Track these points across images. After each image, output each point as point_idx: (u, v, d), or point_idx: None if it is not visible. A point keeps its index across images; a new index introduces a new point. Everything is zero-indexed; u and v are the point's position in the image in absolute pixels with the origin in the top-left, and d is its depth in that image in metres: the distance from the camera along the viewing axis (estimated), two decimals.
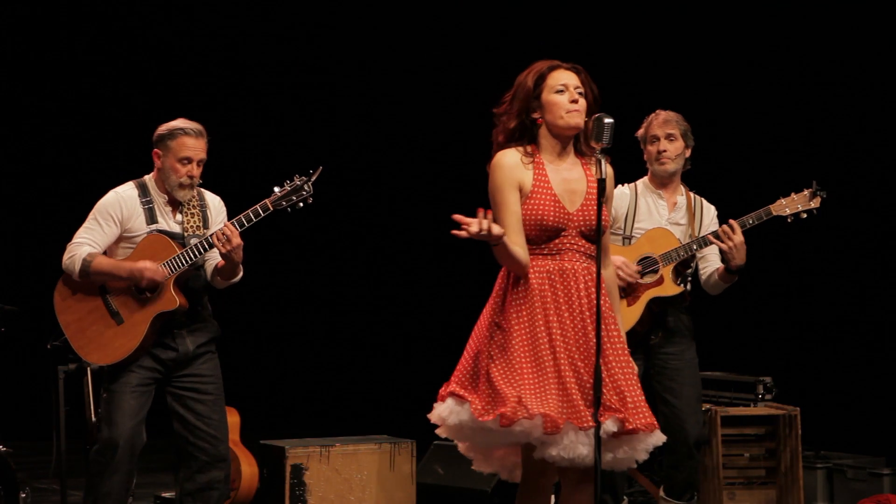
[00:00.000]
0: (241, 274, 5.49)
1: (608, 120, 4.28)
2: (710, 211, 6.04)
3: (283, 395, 10.52)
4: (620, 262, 5.66)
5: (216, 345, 5.61)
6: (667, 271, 5.77)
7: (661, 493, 5.99)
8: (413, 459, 6.81)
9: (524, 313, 4.35)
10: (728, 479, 6.44)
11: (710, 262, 5.94)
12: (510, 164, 4.39)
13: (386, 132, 10.13)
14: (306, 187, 5.34)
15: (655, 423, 4.38)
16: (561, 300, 4.35)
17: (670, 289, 5.77)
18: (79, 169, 9.80)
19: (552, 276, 4.37)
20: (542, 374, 4.28)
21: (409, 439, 6.85)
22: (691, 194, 6.02)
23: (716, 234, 5.72)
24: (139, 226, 5.43)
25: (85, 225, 5.48)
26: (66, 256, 5.46)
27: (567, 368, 4.28)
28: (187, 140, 5.41)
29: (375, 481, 6.69)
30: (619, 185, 5.89)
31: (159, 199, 5.47)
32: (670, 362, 5.86)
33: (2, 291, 7.04)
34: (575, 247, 4.41)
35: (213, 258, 5.52)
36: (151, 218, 5.44)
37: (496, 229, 4.20)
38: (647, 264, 5.79)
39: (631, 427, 4.28)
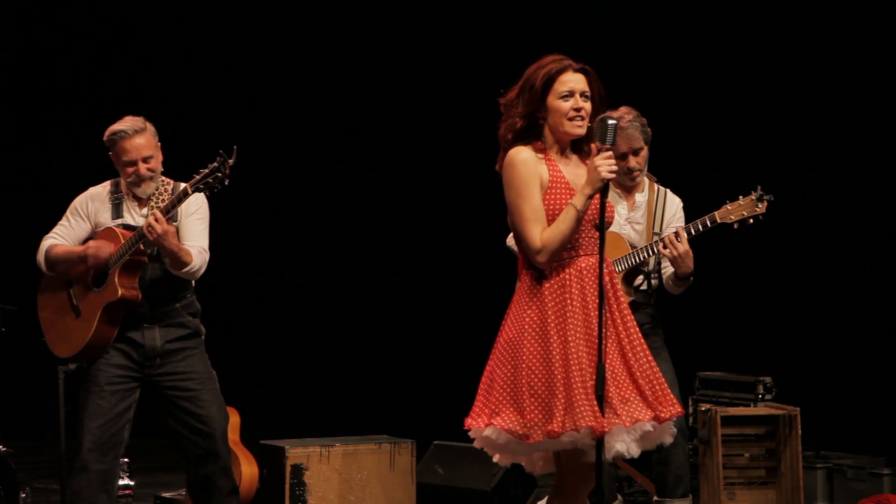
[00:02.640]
0: (191, 261, 5.41)
1: (612, 121, 4.34)
2: (673, 204, 5.94)
3: (283, 395, 10.51)
4: None
5: (196, 341, 5.61)
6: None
7: (655, 497, 5.98)
8: (413, 459, 6.81)
9: (553, 324, 4.39)
10: (728, 479, 6.43)
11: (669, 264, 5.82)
12: (529, 158, 4.45)
13: (390, 129, 10.12)
14: (222, 168, 5.27)
15: (682, 409, 4.57)
16: (577, 304, 4.40)
17: None
18: (79, 169, 9.77)
19: (568, 280, 4.41)
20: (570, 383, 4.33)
21: (409, 439, 6.85)
22: (655, 186, 5.93)
23: (663, 243, 5.59)
24: (105, 220, 5.55)
25: (59, 222, 5.64)
26: (37, 252, 5.61)
27: (587, 371, 4.34)
28: (125, 144, 5.49)
29: (375, 481, 6.69)
30: None
31: (128, 194, 5.56)
32: None
33: (2, 291, 7.04)
34: (591, 239, 4.47)
35: None
36: (117, 213, 5.55)
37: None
38: None
39: (665, 418, 4.46)
